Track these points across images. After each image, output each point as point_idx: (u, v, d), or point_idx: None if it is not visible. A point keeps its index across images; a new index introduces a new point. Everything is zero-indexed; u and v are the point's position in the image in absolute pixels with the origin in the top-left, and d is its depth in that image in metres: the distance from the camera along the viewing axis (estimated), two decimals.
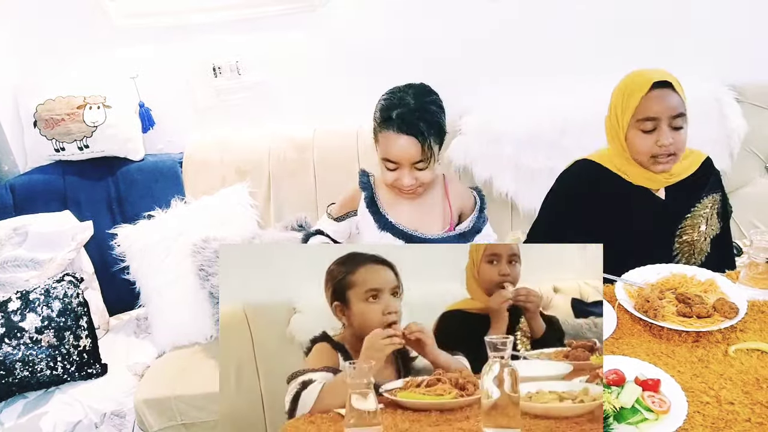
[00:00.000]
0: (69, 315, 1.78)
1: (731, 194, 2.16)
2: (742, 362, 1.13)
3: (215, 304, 1.91)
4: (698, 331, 1.20)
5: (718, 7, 2.13)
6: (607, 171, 1.58)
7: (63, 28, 2.21)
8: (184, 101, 2.34)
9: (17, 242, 1.99)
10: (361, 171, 1.71)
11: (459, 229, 1.65)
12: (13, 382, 1.71)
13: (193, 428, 1.79)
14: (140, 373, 1.90)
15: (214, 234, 1.97)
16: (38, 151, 2.23)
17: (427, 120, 1.50)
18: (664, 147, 1.46)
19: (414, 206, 1.64)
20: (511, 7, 2.17)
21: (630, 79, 1.52)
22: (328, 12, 2.20)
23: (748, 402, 1.03)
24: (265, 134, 2.30)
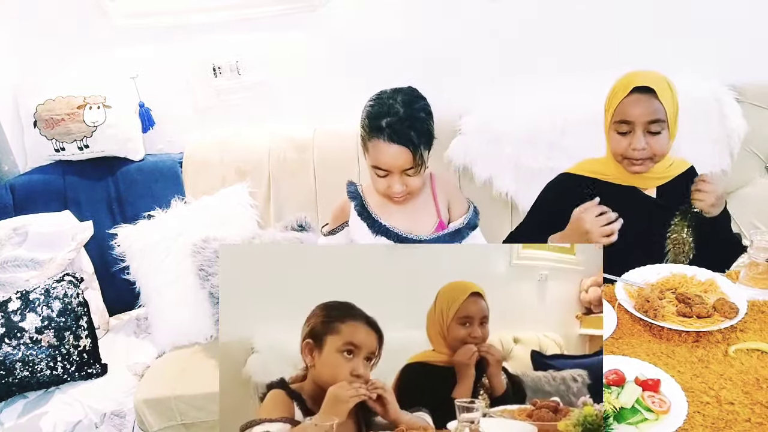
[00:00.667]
0: (69, 315, 1.78)
1: (731, 194, 2.16)
2: (742, 362, 1.13)
3: (215, 304, 1.91)
4: (698, 331, 1.20)
5: (718, 7, 2.13)
6: (587, 179, 1.61)
7: (63, 28, 2.21)
8: (184, 101, 2.34)
9: (17, 242, 1.99)
10: (348, 182, 1.72)
11: (452, 227, 1.65)
12: (13, 382, 1.71)
13: (193, 428, 1.79)
14: (140, 373, 1.90)
15: (214, 234, 1.97)
16: (38, 151, 2.23)
17: (417, 129, 1.49)
18: (637, 150, 1.48)
19: (405, 208, 1.65)
20: (511, 7, 2.17)
21: (619, 80, 1.54)
22: (328, 12, 2.20)
23: (748, 402, 1.03)
24: (265, 134, 2.30)
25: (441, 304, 1.22)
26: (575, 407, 1.04)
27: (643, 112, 1.46)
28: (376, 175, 1.55)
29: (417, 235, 1.62)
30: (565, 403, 1.10)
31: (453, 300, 1.20)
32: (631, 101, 1.47)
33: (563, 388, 1.33)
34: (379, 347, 1.06)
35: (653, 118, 1.46)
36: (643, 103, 1.46)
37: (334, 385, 0.99)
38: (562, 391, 1.32)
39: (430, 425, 1.06)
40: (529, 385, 1.28)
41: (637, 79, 1.48)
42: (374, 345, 1.05)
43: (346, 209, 1.70)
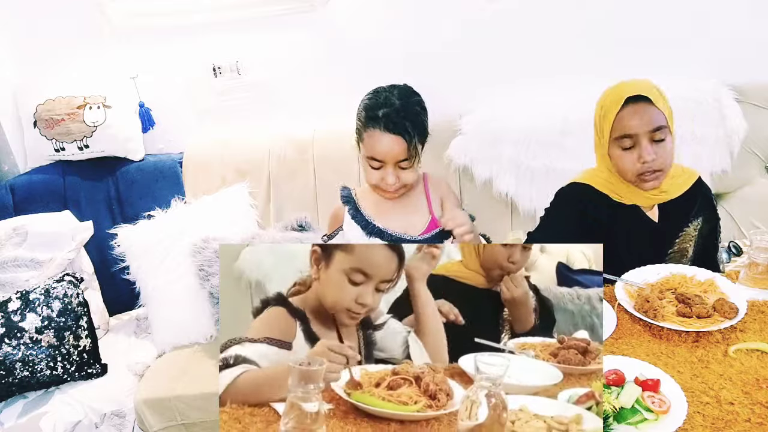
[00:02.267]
0: (69, 315, 1.78)
1: (731, 194, 2.17)
2: (742, 362, 1.13)
3: (215, 304, 1.91)
4: (698, 331, 1.20)
5: (718, 7, 2.13)
6: (597, 193, 1.52)
7: (63, 28, 2.21)
8: (184, 101, 2.34)
9: (17, 242, 1.99)
10: (342, 187, 1.74)
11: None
12: (13, 382, 1.71)
13: (193, 428, 1.79)
14: (140, 373, 1.90)
15: (214, 234, 1.97)
16: (38, 151, 2.23)
17: (412, 120, 1.52)
18: (647, 163, 1.40)
19: (397, 208, 1.66)
20: (511, 7, 2.17)
21: (606, 96, 1.47)
22: (328, 12, 2.20)
23: (748, 402, 1.03)
24: (265, 134, 2.30)
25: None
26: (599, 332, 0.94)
27: (644, 121, 1.38)
28: (371, 166, 1.57)
29: (411, 235, 1.63)
30: (587, 326, 1.02)
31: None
32: (627, 113, 1.40)
33: (587, 308, 1.21)
34: (398, 271, 0.95)
35: (656, 126, 1.39)
36: (641, 112, 1.39)
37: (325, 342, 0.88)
38: (586, 311, 1.20)
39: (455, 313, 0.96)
40: (550, 300, 1.16)
41: (627, 89, 1.40)
42: (392, 270, 0.93)
43: (340, 214, 1.73)
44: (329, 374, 0.82)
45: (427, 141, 1.62)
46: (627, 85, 1.43)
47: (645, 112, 1.39)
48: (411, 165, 1.55)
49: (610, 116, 1.43)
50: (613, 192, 1.51)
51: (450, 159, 2.15)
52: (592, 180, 1.54)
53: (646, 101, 1.39)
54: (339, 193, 1.74)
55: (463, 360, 0.93)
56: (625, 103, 1.40)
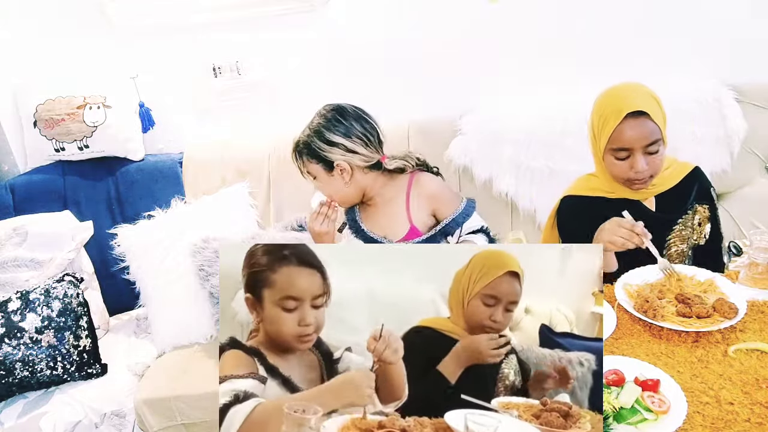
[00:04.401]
0: (69, 315, 1.78)
1: (731, 194, 2.17)
2: (742, 362, 1.13)
3: (215, 304, 1.91)
4: (698, 331, 1.20)
5: (718, 7, 2.13)
6: (590, 199, 1.59)
7: (63, 28, 2.21)
8: (184, 101, 2.35)
9: (17, 242, 1.99)
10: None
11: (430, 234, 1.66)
12: (13, 382, 1.71)
13: (193, 428, 1.79)
14: (140, 373, 1.90)
15: (214, 234, 1.97)
16: (38, 151, 2.23)
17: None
18: (639, 173, 1.47)
19: (378, 213, 1.68)
20: (511, 7, 2.17)
21: (606, 103, 1.50)
22: (328, 12, 2.20)
23: (748, 402, 1.03)
24: (265, 134, 2.30)
25: (472, 270, 1.08)
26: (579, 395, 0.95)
27: (641, 136, 1.44)
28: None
29: (391, 240, 1.63)
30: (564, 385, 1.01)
31: (485, 271, 1.06)
32: (627, 128, 1.44)
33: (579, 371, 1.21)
34: (324, 285, 0.95)
35: (651, 141, 1.44)
36: (638, 128, 1.44)
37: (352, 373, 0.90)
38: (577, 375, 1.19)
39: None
40: (532, 361, 1.17)
41: (627, 103, 1.45)
42: (317, 286, 0.95)
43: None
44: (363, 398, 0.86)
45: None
46: (627, 96, 1.47)
47: (643, 126, 1.44)
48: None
49: (608, 127, 1.47)
50: (607, 192, 1.57)
51: (450, 159, 2.15)
52: (584, 188, 1.62)
53: (644, 116, 1.44)
54: None
55: (451, 416, 0.92)
56: (624, 117, 1.44)
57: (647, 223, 1.49)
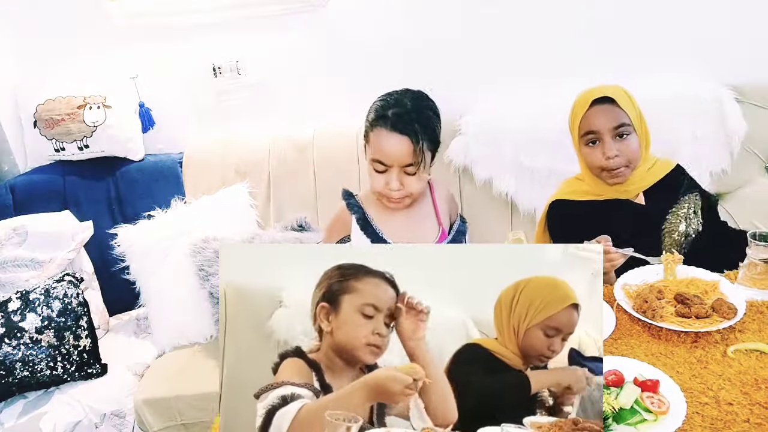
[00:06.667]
0: (69, 315, 1.78)
1: (731, 194, 2.16)
2: (741, 363, 1.13)
3: (215, 304, 1.92)
4: (697, 331, 1.20)
5: (718, 6, 2.13)
6: (578, 203, 1.63)
7: (63, 28, 2.21)
8: (184, 101, 2.35)
9: (17, 242, 2.00)
10: (344, 192, 1.62)
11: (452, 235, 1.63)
12: (13, 382, 1.71)
13: (193, 428, 1.79)
14: (140, 373, 1.91)
15: (214, 234, 1.97)
16: (38, 151, 2.23)
17: (422, 123, 1.45)
18: (610, 158, 1.52)
19: (404, 219, 1.58)
20: (511, 8, 2.17)
21: (578, 99, 1.60)
22: (328, 12, 2.20)
23: (747, 402, 1.03)
24: (265, 134, 2.30)
25: (530, 300, 1.08)
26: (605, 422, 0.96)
27: (607, 119, 1.52)
28: (375, 170, 1.49)
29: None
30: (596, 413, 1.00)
31: (548, 303, 1.07)
32: (592, 113, 1.53)
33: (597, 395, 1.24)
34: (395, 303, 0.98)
35: (617, 123, 1.51)
36: (604, 112, 1.52)
37: (381, 370, 0.93)
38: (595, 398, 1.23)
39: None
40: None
41: (595, 92, 1.54)
42: (393, 303, 0.98)
43: (347, 221, 1.59)
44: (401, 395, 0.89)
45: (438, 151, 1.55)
46: (595, 89, 1.56)
47: (608, 111, 1.53)
48: (416, 171, 1.46)
49: (577, 117, 1.57)
50: (596, 195, 1.61)
51: (450, 159, 2.15)
52: (572, 192, 1.66)
53: (610, 102, 1.53)
54: (339, 194, 1.66)
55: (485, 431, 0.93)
56: (591, 105, 1.54)
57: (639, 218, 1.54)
